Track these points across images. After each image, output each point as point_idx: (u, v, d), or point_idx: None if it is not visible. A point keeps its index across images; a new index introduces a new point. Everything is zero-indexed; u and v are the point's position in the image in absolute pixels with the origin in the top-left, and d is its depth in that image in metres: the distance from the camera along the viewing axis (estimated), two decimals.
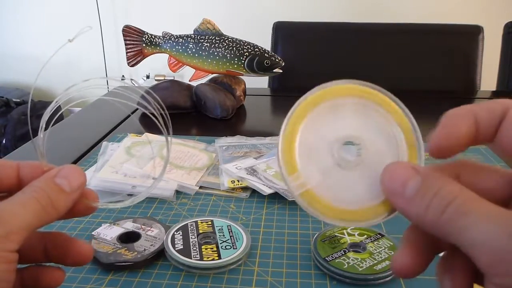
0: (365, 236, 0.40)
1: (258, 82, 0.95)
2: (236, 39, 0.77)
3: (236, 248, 0.38)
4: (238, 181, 0.50)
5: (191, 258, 0.36)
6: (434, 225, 0.19)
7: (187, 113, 0.80)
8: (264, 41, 0.99)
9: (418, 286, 0.35)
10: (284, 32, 1.18)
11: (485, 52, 1.12)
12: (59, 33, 2.26)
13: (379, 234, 0.40)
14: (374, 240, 0.39)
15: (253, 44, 0.77)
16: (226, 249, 0.38)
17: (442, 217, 0.19)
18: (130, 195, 0.48)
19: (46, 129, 0.26)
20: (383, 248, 0.38)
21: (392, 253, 0.37)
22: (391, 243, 0.39)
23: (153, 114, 0.26)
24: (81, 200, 0.26)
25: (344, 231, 0.40)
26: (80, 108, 0.90)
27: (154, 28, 0.89)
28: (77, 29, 0.26)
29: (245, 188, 0.50)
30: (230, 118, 0.77)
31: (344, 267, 0.35)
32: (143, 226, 0.41)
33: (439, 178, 0.20)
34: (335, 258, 0.36)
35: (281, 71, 0.78)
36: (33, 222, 0.23)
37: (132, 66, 0.81)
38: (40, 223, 0.23)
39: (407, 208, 0.21)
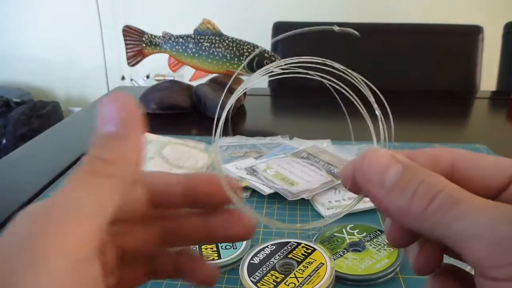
0: (364, 234, 0.40)
1: (258, 82, 0.95)
2: (236, 39, 0.77)
3: (236, 248, 0.38)
4: (238, 181, 0.50)
5: None
6: (418, 217, 0.18)
7: (187, 113, 0.80)
8: (264, 41, 0.99)
9: (417, 284, 0.35)
10: (284, 32, 1.18)
11: (485, 52, 1.12)
12: (59, 33, 2.26)
13: (378, 230, 0.40)
14: (373, 237, 0.39)
15: (253, 44, 0.77)
16: (226, 249, 0.38)
17: (429, 208, 0.17)
18: None
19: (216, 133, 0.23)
20: (382, 245, 0.38)
21: (391, 250, 0.37)
22: None
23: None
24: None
25: (344, 230, 0.40)
26: (80, 108, 0.90)
27: (154, 28, 0.89)
28: (77, 29, 0.26)
29: (245, 188, 0.50)
30: (230, 118, 0.77)
31: (344, 268, 0.35)
32: None
33: (423, 168, 0.19)
34: (335, 259, 0.36)
35: (281, 71, 0.78)
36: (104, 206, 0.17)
37: (132, 66, 0.81)
38: (115, 202, 0.17)
39: (386, 200, 0.19)
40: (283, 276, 0.33)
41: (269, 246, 0.37)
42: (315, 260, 0.35)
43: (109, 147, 0.19)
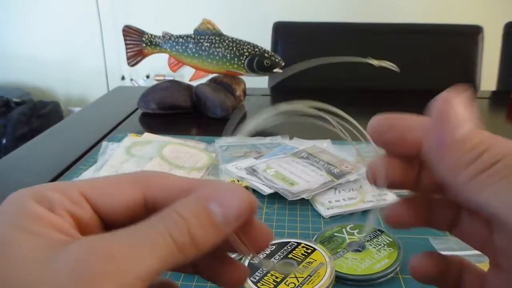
0: (364, 234, 0.40)
1: (258, 82, 0.95)
2: (236, 39, 0.77)
3: None
4: (238, 181, 0.50)
5: None
6: (469, 180, 0.17)
7: (187, 113, 0.80)
8: (264, 41, 0.99)
9: (417, 284, 0.35)
10: (284, 32, 1.18)
11: (485, 52, 1.12)
12: (59, 33, 2.26)
13: (379, 230, 0.40)
14: (373, 237, 0.39)
15: (253, 44, 0.77)
16: None
17: (484, 173, 0.17)
18: None
19: None
20: (382, 245, 0.38)
21: (391, 250, 0.37)
22: (390, 239, 0.39)
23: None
24: (238, 241, 0.19)
25: (344, 230, 0.40)
26: (80, 108, 0.90)
27: (154, 28, 0.89)
28: (77, 29, 0.26)
29: (245, 188, 0.50)
30: (230, 118, 0.77)
31: (343, 268, 0.35)
32: None
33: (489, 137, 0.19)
34: (335, 259, 0.36)
35: (281, 71, 0.78)
36: (157, 269, 0.16)
37: (132, 66, 0.81)
38: (166, 268, 0.16)
39: (448, 150, 0.18)
40: (283, 276, 0.33)
41: (269, 246, 0.37)
42: (315, 260, 0.35)
43: (201, 223, 0.17)
